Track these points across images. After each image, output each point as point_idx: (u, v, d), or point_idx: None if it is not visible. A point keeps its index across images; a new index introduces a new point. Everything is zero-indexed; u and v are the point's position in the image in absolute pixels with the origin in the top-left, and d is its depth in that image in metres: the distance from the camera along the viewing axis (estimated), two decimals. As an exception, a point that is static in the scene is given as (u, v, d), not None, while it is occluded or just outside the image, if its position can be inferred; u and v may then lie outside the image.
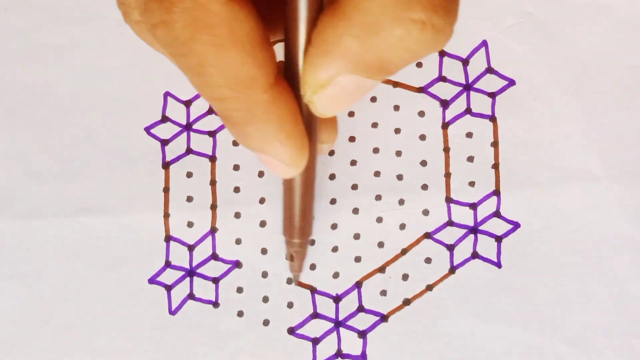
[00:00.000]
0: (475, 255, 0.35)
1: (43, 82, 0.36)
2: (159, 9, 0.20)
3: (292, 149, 0.23)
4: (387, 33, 0.20)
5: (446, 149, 0.36)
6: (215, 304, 0.35)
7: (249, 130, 0.22)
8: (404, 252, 0.36)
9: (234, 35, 0.20)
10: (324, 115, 0.23)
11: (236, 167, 0.36)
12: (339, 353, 0.35)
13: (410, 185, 0.36)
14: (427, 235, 0.35)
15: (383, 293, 0.35)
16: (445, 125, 0.36)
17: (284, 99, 0.22)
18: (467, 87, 0.36)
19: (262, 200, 0.36)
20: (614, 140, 0.35)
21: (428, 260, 0.35)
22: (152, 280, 0.35)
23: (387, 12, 0.19)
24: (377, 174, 0.36)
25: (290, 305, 0.35)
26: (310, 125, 0.24)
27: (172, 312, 0.35)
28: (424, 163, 0.36)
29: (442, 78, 0.36)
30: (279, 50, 0.23)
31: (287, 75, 0.23)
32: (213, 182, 0.36)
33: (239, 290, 0.35)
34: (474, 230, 0.35)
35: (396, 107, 0.36)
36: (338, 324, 0.35)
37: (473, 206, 0.36)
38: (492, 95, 0.36)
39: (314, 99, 0.22)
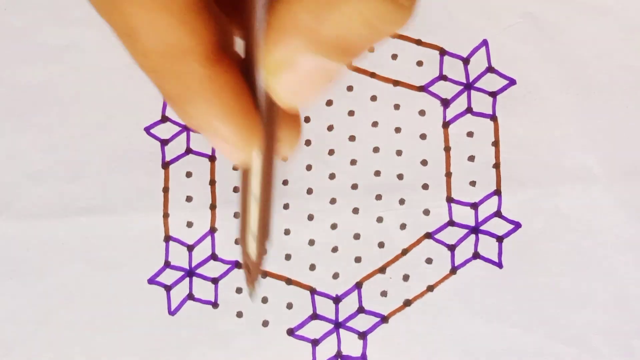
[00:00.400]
0: (476, 255, 0.35)
1: (43, 82, 0.36)
2: None
3: (235, 127, 0.22)
4: (346, 7, 0.19)
5: (447, 149, 0.36)
6: (215, 305, 0.35)
7: (186, 107, 0.21)
8: (404, 252, 0.35)
9: (167, 0, 0.19)
10: (288, 106, 0.22)
11: (236, 167, 0.36)
12: (338, 354, 0.35)
13: (410, 184, 0.36)
14: (428, 235, 0.35)
15: (383, 294, 0.35)
16: (445, 125, 0.36)
17: (227, 76, 0.21)
18: (468, 86, 0.36)
19: (262, 200, 0.36)
20: (614, 140, 0.36)
21: (429, 261, 0.35)
22: (152, 281, 0.35)
23: None
24: (377, 173, 0.36)
25: (289, 306, 0.35)
26: (268, 119, 0.23)
27: (172, 313, 0.35)
28: (424, 162, 0.36)
29: (442, 77, 0.36)
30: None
31: (246, 60, 0.22)
32: (212, 182, 0.36)
33: (239, 290, 0.35)
34: (475, 230, 0.35)
35: (396, 106, 0.36)
36: (338, 325, 0.35)
37: (474, 206, 0.36)
38: (493, 94, 0.36)
39: (275, 85, 0.21)
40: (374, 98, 0.36)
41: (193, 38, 0.20)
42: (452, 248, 0.35)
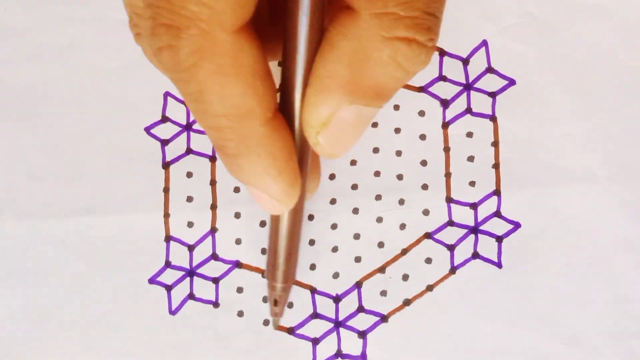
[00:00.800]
0: (475, 255, 0.35)
1: (43, 82, 0.36)
2: (166, 34, 0.20)
3: (283, 185, 0.23)
4: (378, 54, 0.20)
5: (446, 149, 0.36)
6: (215, 304, 0.35)
7: (241, 162, 0.22)
8: (404, 252, 0.35)
9: (237, 65, 0.20)
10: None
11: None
12: (338, 353, 0.35)
13: (410, 185, 0.36)
14: (428, 235, 0.35)
15: (383, 293, 0.35)
16: (445, 125, 0.36)
17: (280, 134, 0.22)
18: (468, 87, 0.36)
19: (262, 200, 0.36)
20: (614, 140, 0.35)
21: (428, 261, 0.35)
22: (152, 280, 0.35)
23: (374, 35, 0.20)
24: (377, 174, 0.36)
25: (290, 305, 0.35)
26: (301, 166, 0.24)
27: (172, 312, 0.35)
28: (424, 163, 0.36)
29: (442, 77, 0.36)
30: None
31: (283, 112, 0.23)
32: (213, 182, 0.36)
33: (239, 290, 0.35)
34: (475, 230, 0.35)
35: (396, 107, 0.36)
36: (338, 324, 0.35)
37: (473, 206, 0.36)
38: (493, 94, 0.36)
39: (320, 140, 0.22)
40: (373, 99, 0.36)
41: (259, 101, 0.21)
42: (451, 248, 0.35)
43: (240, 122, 0.21)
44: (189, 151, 0.36)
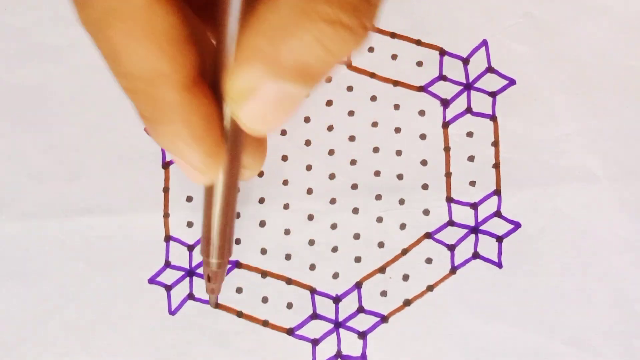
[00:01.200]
0: (476, 255, 0.35)
1: (43, 82, 0.36)
2: None
3: (200, 154, 0.22)
4: (301, 32, 0.20)
5: (446, 149, 0.36)
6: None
7: (157, 128, 0.22)
8: (404, 252, 0.35)
9: (150, 29, 0.20)
10: (255, 132, 0.23)
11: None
12: (338, 354, 0.35)
13: (410, 185, 0.36)
14: (428, 235, 0.35)
15: (383, 294, 0.35)
16: (445, 125, 0.36)
17: (200, 103, 0.22)
18: (468, 87, 0.36)
19: (261, 200, 0.36)
20: (614, 140, 0.36)
21: (429, 261, 0.35)
22: (152, 280, 0.35)
23: (297, 11, 0.19)
24: (377, 173, 0.36)
25: (289, 305, 0.35)
26: (234, 141, 0.24)
27: (172, 312, 0.35)
28: (424, 162, 0.36)
29: (442, 77, 0.36)
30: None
31: (213, 85, 0.22)
32: (213, 182, 0.36)
33: (239, 290, 0.35)
34: (475, 230, 0.35)
35: (396, 107, 0.36)
36: (338, 324, 0.35)
37: (474, 206, 0.36)
38: (493, 94, 0.36)
39: (239, 112, 0.22)
40: (374, 98, 0.36)
41: (171, 66, 0.21)
42: (451, 248, 0.35)
43: (153, 87, 0.21)
44: (189, 151, 0.36)
